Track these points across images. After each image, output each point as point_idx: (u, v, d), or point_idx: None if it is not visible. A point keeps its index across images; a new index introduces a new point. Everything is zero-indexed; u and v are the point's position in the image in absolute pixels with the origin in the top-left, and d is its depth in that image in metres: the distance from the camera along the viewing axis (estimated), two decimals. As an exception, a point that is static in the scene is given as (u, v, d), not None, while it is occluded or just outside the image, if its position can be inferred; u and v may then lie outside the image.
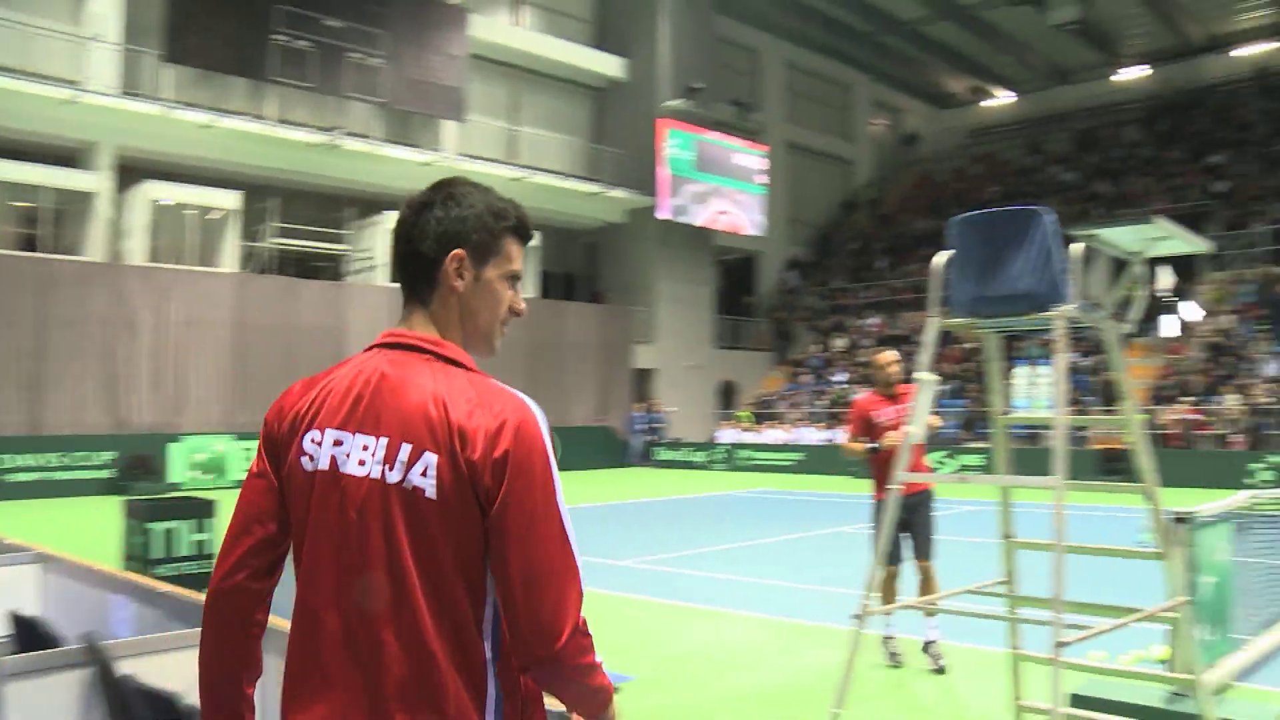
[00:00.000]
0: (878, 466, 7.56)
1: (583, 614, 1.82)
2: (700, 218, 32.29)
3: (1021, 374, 5.28)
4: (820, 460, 27.82)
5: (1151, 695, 6.32)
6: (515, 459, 1.76)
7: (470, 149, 29.53)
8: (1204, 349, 26.89)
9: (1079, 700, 5.99)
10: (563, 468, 1.85)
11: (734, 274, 38.82)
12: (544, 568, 1.77)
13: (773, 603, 9.97)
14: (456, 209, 1.93)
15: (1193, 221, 30.71)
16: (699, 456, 30.60)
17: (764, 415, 31.92)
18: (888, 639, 7.71)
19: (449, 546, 1.77)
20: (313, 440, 1.87)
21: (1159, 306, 27.98)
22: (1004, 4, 34.02)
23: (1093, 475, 21.07)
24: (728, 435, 31.35)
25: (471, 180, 2.01)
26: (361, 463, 1.82)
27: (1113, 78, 40.75)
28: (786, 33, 38.27)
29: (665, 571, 11.92)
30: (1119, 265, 5.10)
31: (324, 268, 27.59)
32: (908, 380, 7.19)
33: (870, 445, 7.70)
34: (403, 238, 1.96)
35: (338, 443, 1.85)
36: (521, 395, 1.84)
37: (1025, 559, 5.57)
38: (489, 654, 1.81)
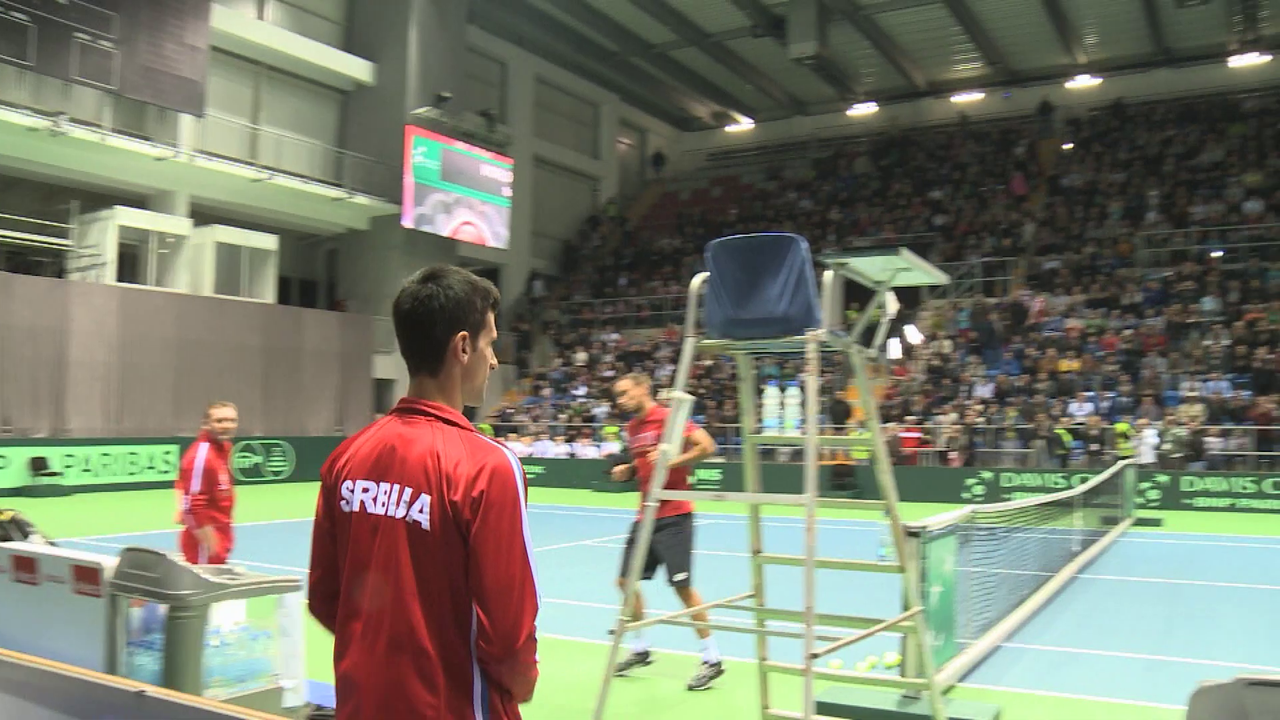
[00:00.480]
0: (642, 485, 7.67)
1: (536, 625, 2.34)
2: (445, 228, 31.95)
3: (771, 394, 5.47)
4: (560, 474, 28.02)
5: (887, 699, 6.65)
6: (488, 498, 2.28)
7: (209, 146, 28.25)
8: (925, 371, 28.57)
9: (822, 708, 6.22)
10: (300, 479, 1.91)
11: (478, 286, 38.64)
12: (507, 584, 2.29)
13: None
14: (452, 293, 2.45)
15: (917, 250, 32.62)
16: (440, 469, 30.20)
17: (504, 428, 31.87)
18: (639, 654, 7.84)
19: (438, 567, 2.31)
20: (348, 489, 2.47)
21: (887, 329, 29.50)
22: (748, 35, 35.30)
23: (824, 490, 21.98)
24: (468, 448, 31.09)
25: (450, 266, 2.53)
26: (382, 504, 2.39)
27: (847, 112, 42.86)
28: (537, 47, 38.50)
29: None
30: (849, 291, 5.36)
31: (45, 263, 25.81)
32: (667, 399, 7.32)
33: (628, 467, 7.86)
34: (413, 322, 2.46)
35: (365, 489, 2.43)
36: (502, 447, 2.37)
37: (768, 572, 5.77)
38: (473, 655, 2.33)
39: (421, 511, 2.32)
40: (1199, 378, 25.43)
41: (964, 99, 41.01)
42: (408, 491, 2.34)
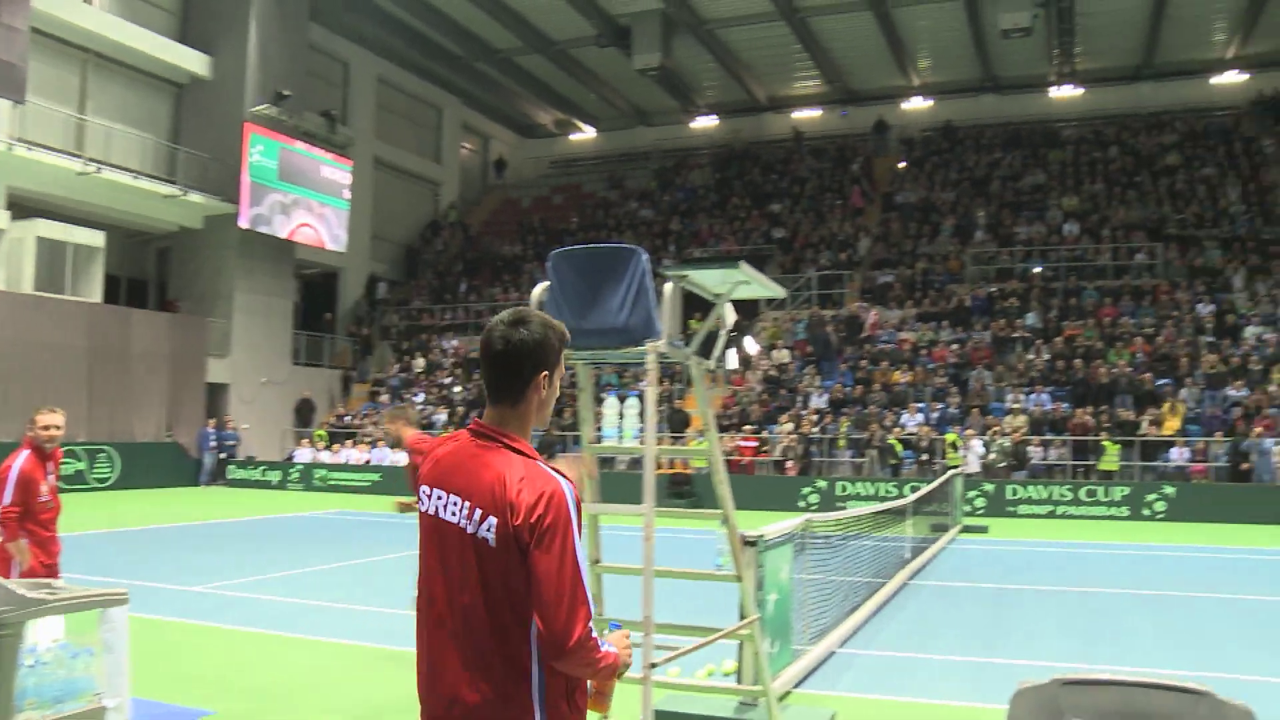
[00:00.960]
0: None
1: (591, 625, 2.67)
2: (283, 229, 31.19)
3: (611, 404, 5.49)
4: (397, 482, 27.57)
5: (725, 707, 6.72)
6: (545, 523, 2.64)
7: (30, 135, 26.90)
8: (762, 382, 29.07)
9: (660, 716, 6.26)
10: (126, 486, 1.84)
11: (315, 289, 37.86)
12: (558, 597, 2.61)
13: (354, 628, 9.77)
14: (537, 336, 2.82)
15: (756, 262, 33.21)
16: (274, 476, 29.53)
17: (341, 435, 31.27)
18: None
19: (500, 576, 2.69)
20: (425, 492, 2.87)
21: (725, 341, 29.95)
22: (592, 44, 35.42)
23: (662, 499, 22.13)
24: (304, 455, 30.46)
25: (530, 310, 2.91)
26: (452, 514, 2.78)
27: (689, 124, 43.39)
28: (380, 48, 37.91)
29: (243, 597, 11.40)
30: (691, 302, 5.42)
31: None
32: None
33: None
34: (504, 362, 2.82)
35: (439, 498, 2.82)
36: (557, 475, 2.72)
37: (607, 581, 5.78)
38: (536, 661, 2.70)
39: (489, 530, 2.70)
40: (1022, 390, 26.50)
41: (803, 115, 41.94)
42: (477, 511, 2.72)
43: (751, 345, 30.36)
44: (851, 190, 37.30)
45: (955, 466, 22.56)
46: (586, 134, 46.39)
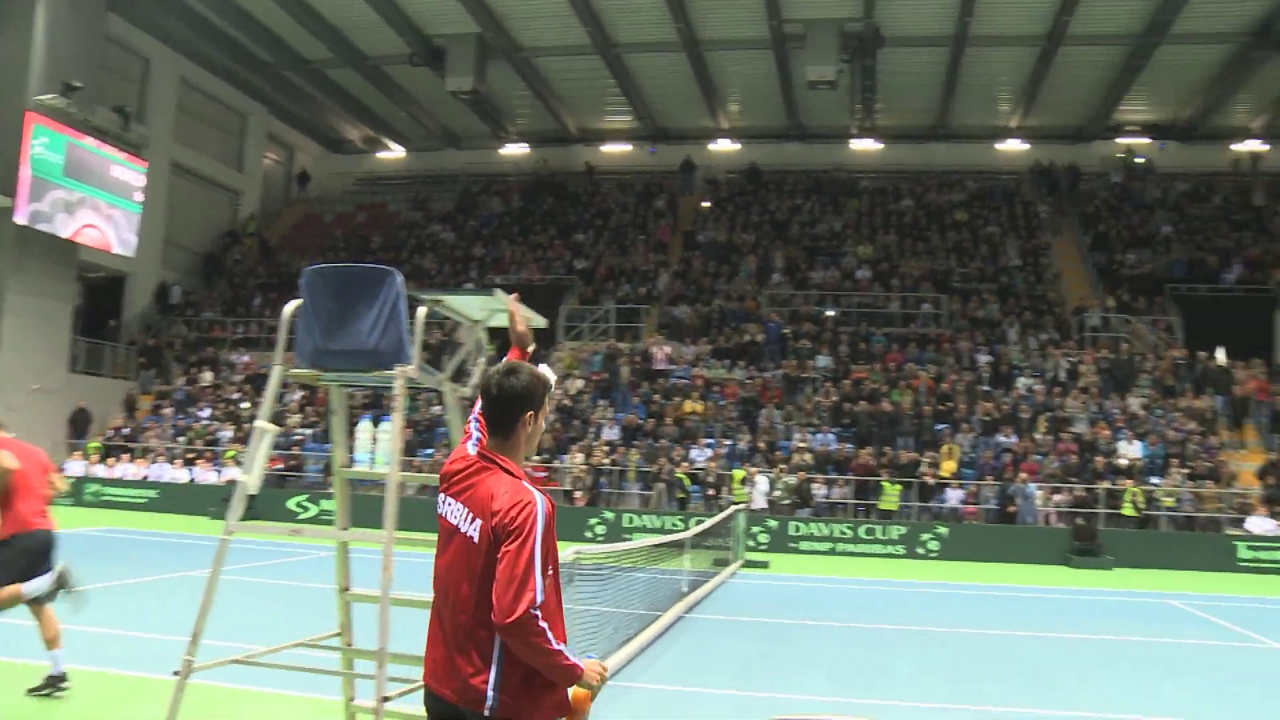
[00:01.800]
0: None
1: (536, 611, 3.30)
2: (65, 228, 29.54)
3: (364, 428, 5.37)
4: (177, 499, 26.55)
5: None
6: (513, 525, 3.38)
7: None
8: (555, 411, 29.04)
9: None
10: None
11: (100, 294, 36.09)
12: (509, 579, 3.31)
13: (106, 654, 9.23)
14: (526, 385, 3.63)
15: (556, 292, 33.38)
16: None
17: (118, 448, 29.82)
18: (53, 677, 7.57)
19: (480, 569, 3.43)
20: (441, 500, 3.64)
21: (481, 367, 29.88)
22: (405, 63, 34.95)
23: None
24: (76, 468, 28.91)
25: (522, 364, 3.73)
26: (454, 518, 3.56)
27: (499, 150, 43.27)
28: (185, 47, 36.54)
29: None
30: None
31: None
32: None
33: None
34: (496, 403, 3.64)
35: (447, 503, 3.61)
36: (535, 490, 3.48)
37: (369, 610, 5.63)
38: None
39: (475, 530, 3.48)
40: (809, 429, 27.24)
41: (613, 149, 42.38)
42: (470, 515, 3.51)
43: (548, 374, 30.33)
44: (660, 225, 37.83)
45: (740, 502, 22.99)
46: (395, 153, 45.73)
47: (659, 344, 31.13)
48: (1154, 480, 25.02)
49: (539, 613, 3.29)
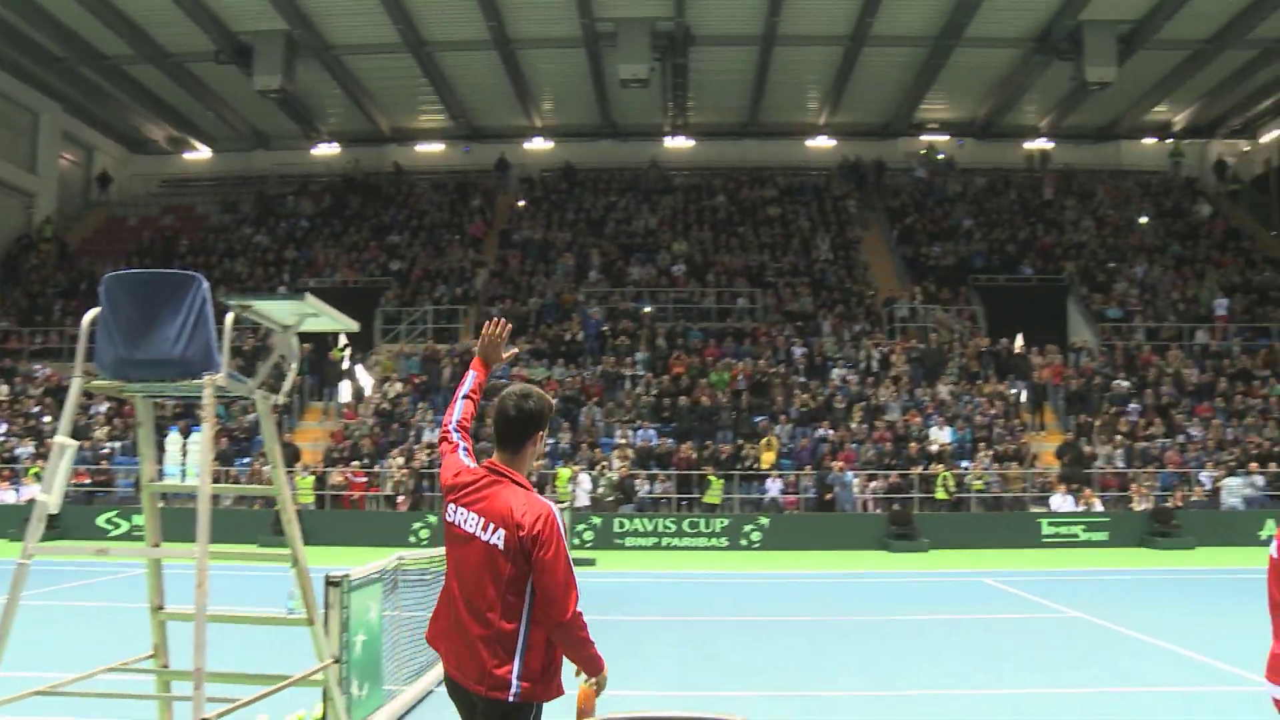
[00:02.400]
0: None
1: (580, 608, 3.91)
2: None
3: (173, 440, 5.18)
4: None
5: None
6: (544, 535, 3.86)
7: None
8: (374, 415, 28.56)
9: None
10: None
11: (-122, 305, 33.85)
12: (558, 583, 3.87)
13: None
14: (537, 406, 4.11)
15: (371, 295, 32.85)
16: None
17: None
18: None
19: (505, 570, 3.89)
20: (451, 510, 4.10)
21: (337, 374, 29.33)
22: (211, 60, 33.74)
23: (269, 535, 21.41)
24: None
25: (533, 387, 4.21)
26: (470, 526, 4.00)
27: (310, 150, 42.19)
28: (-35, 40, 34.48)
29: None
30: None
31: None
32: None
33: None
34: (511, 422, 4.09)
35: (460, 513, 4.05)
36: (547, 500, 3.97)
37: (186, 628, 5.43)
38: (523, 627, 3.90)
39: (498, 539, 3.92)
40: (630, 426, 27.46)
41: (427, 148, 41.86)
42: (490, 525, 3.95)
43: (365, 378, 29.86)
44: (474, 222, 37.57)
45: (564, 501, 23.04)
46: (202, 154, 44.05)
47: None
48: (964, 464, 26.12)
49: (581, 609, 3.92)
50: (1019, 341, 30.52)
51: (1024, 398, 29.16)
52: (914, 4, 29.98)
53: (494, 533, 3.90)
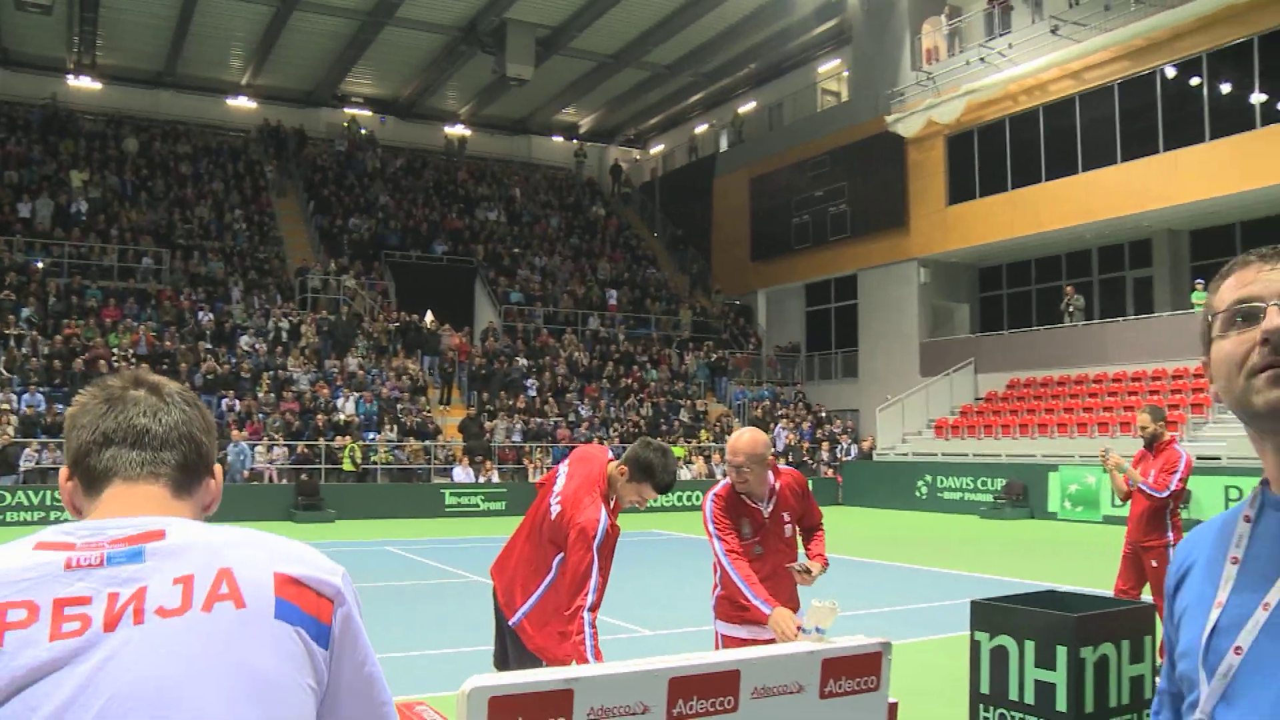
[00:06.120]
0: None
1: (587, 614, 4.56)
2: None
3: None
4: None
5: None
6: (574, 533, 4.67)
7: None
8: None
9: None
10: None
11: None
12: (572, 577, 4.62)
13: None
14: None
15: None
16: None
17: None
18: None
19: (550, 536, 4.88)
20: (550, 478, 5.15)
21: None
22: None
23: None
24: None
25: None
26: (550, 499, 4.96)
27: None
28: None
29: None
30: None
31: None
32: None
33: None
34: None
35: (547, 490, 5.06)
36: (589, 500, 4.78)
37: None
38: (547, 579, 4.90)
39: (552, 514, 4.86)
40: (15, 389, 25.19)
41: None
42: (555, 499, 4.90)
43: None
44: None
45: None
46: None
47: None
48: (370, 436, 26.80)
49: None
50: (429, 318, 31.76)
51: (432, 373, 30.44)
52: (347, -25, 30.15)
53: (553, 505, 4.92)
